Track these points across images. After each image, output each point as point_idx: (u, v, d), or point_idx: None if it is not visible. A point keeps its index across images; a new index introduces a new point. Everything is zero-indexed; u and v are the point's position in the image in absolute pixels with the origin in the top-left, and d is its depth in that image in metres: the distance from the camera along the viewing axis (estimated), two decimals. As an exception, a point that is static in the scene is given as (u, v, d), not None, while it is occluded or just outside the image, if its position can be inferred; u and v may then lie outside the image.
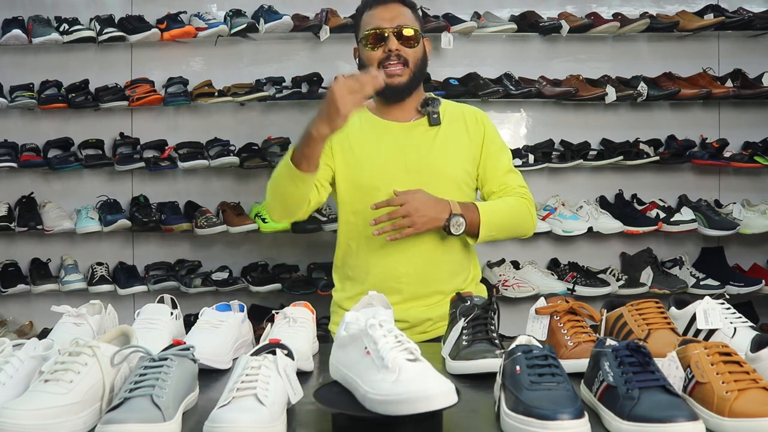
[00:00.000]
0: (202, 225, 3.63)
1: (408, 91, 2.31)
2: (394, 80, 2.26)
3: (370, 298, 1.90)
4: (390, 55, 2.26)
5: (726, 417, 1.27)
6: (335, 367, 1.43)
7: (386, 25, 2.27)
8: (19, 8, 3.70)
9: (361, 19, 2.35)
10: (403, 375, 1.24)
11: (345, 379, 1.37)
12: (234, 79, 3.73)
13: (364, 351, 1.32)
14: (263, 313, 2.99)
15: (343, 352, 1.40)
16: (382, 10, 2.30)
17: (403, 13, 2.31)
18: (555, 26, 3.67)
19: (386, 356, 1.27)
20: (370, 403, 1.25)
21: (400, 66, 2.27)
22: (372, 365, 1.29)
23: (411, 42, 2.28)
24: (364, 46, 2.30)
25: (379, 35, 2.27)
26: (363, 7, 2.37)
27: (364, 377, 1.29)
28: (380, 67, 2.26)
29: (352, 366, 1.34)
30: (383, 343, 1.30)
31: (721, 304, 1.82)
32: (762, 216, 3.69)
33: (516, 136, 3.92)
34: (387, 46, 2.26)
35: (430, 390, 1.21)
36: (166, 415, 1.26)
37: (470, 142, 2.35)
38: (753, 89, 3.72)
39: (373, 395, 1.24)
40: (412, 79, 2.30)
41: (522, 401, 1.28)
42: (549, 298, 1.81)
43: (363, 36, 2.31)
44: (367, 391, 1.26)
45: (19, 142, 3.67)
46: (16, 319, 3.69)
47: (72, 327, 1.77)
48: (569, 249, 3.88)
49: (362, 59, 2.34)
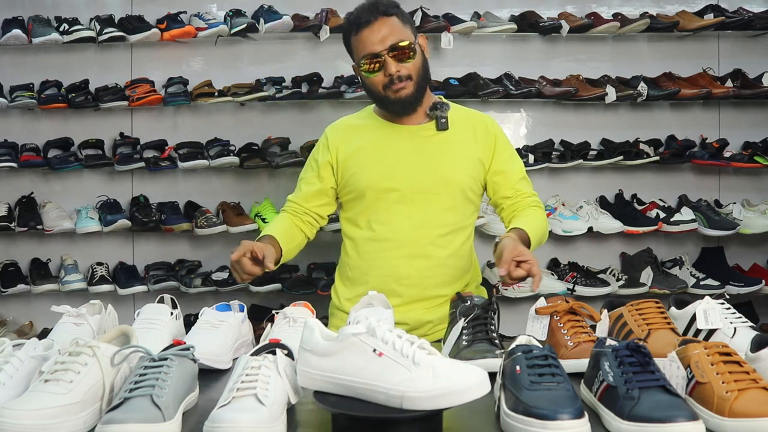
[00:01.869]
0: (202, 225, 3.63)
1: (417, 101, 2.26)
2: (400, 94, 2.22)
3: (370, 298, 1.91)
4: (392, 78, 2.19)
5: (726, 417, 1.27)
6: (322, 379, 1.33)
7: (379, 49, 2.17)
8: (19, 8, 3.70)
9: (350, 43, 2.26)
10: (440, 370, 1.25)
11: (346, 386, 1.30)
12: (234, 79, 3.73)
13: (371, 354, 1.28)
14: (263, 313, 2.99)
15: (335, 361, 1.31)
16: (369, 33, 2.19)
17: (391, 28, 2.19)
18: (555, 26, 3.67)
19: (410, 353, 1.27)
20: (410, 402, 1.23)
21: (404, 82, 2.21)
22: (392, 365, 1.27)
23: (408, 56, 2.20)
24: (363, 72, 2.24)
25: (376, 62, 2.19)
26: (348, 32, 2.27)
27: (386, 379, 1.26)
28: (385, 90, 2.21)
29: (357, 372, 1.29)
30: (398, 342, 1.29)
31: (721, 304, 1.82)
32: (762, 216, 3.69)
33: (516, 136, 3.92)
34: (386, 70, 2.18)
35: (470, 381, 1.25)
36: (166, 415, 1.26)
37: (478, 149, 2.32)
38: (753, 89, 3.72)
39: (414, 393, 1.23)
40: (417, 89, 2.24)
41: (522, 401, 1.28)
42: (549, 298, 1.81)
43: (359, 62, 2.23)
44: (402, 391, 1.23)
45: (19, 142, 3.67)
46: (16, 319, 3.69)
47: (72, 327, 1.77)
48: (569, 249, 3.88)
49: (365, 84, 2.28)
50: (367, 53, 2.19)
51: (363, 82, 2.30)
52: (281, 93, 3.64)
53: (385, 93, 2.22)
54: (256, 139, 3.75)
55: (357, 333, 1.30)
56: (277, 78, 3.70)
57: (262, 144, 3.72)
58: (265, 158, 3.64)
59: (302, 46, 3.87)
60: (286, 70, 3.75)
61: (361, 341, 1.30)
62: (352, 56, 2.30)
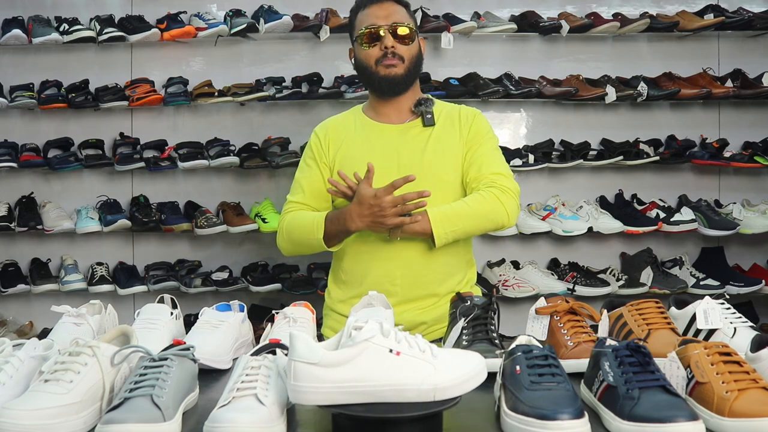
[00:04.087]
0: (202, 225, 3.63)
1: (404, 84, 2.32)
2: (390, 71, 2.29)
3: (370, 298, 1.91)
4: (386, 52, 2.28)
5: (726, 417, 1.27)
6: (335, 391, 1.26)
7: (381, 23, 2.29)
8: (19, 8, 3.70)
9: (356, 18, 2.37)
10: (451, 359, 1.31)
11: (367, 392, 1.26)
12: (234, 79, 3.73)
13: (389, 354, 1.27)
14: (263, 313, 2.99)
15: (351, 369, 1.26)
16: (377, 8, 2.31)
17: (397, 11, 2.33)
18: (555, 26, 3.67)
19: (426, 348, 1.30)
20: (442, 393, 1.27)
21: (396, 59, 2.29)
22: (413, 362, 1.27)
23: (406, 40, 2.30)
24: (360, 45, 2.32)
25: (375, 33, 2.29)
26: (357, 6, 2.39)
27: (412, 376, 1.26)
28: (377, 64, 2.29)
29: (378, 375, 1.26)
30: (411, 339, 1.30)
31: (721, 304, 1.82)
32: (762, 216, 3.69)
33: (516, 136, 3.92)
34: (383, 43, 2.28)
35: (478, 363, 1.33)
36: (166, 415, 1.26)
37: (461, 142, 2.34)
38: (753, 89, 3.72)
39: (445, 383, 1.28)
40: (408, 74, 2.31)
41: (522, 401, 1.28)
42: (549, 298, 1.81)
43: (358, 35, 2.33)
44: (433, 384, 1.26)
45: (19, 142, 3.67)
46: (16, 319, 3.69)
47: (72, 327, 1.77)
48: (569, 249, 3.88)
49: (358, 58, 2.36)
50: (369, 24, 2.30)
51: (356, 58, 2.37)
52: (281, 93, 3.64)
53: (376, 68, 2.30)
54: (256, 139, 3.75)
55: (370, 337, 1.27)
56: (277, 78, 3.70)
57: (262, 144, 3.72)
58: (265, 158, 3.64)
59: (302, 46, 3.87)
60: (286, 70, 3.76)
61: (375, 344, 1.27)
62: (352, 35, 2.38)
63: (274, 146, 3.67)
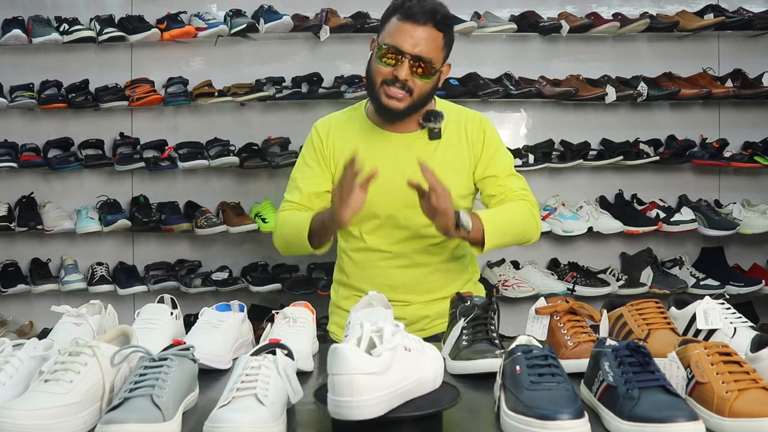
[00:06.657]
0: (202, 225, 3.63)
1: (403, 116, 2.20)
2: (390, 102, 2.14)
3: (370, 298, 1.91)
4: (396, 79, 2.11)
5: (726, 417, 1.27)
6: (388, 398, 1.22)
7: (406, 49, 2.09)
8: (19, 8, 3.70)
9: (389, 20, 2.15)
10: (431, 350, 1.39)
11: (403, 393, 1.26)
12: (234, 79, 3.73)
13: (406, 353, 1.28)
14: (263, 313, 3.00)
15: (394, 372, 1.24)
16: (411, 28, 2.10)
17: (430, 40, 2.11)
18: (555, 26, 3.67)
19: (418, 341, 1.36)
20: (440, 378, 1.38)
21: (402, 93, 2.13)
22: (421, 357, 1.33)
23: (425, 74, 2.13)
24: (377, 57, 2.14)
25: (393, 57, 2.11)
26: (394, 10, 2.15)
27: (426, 369, 1.33)
28: (382, 84, 2.14)
29: (407, 374, 1.27)
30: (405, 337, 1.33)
31: (721, 304, 1.82)
32: (762, 216, 3.69)
33: (516, 136, 3.92)
34: (397, 70, 2.11)
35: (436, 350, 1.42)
36: (166, 415, 1.26)
37: (470, 153, 2.28)
38: (753, 89, 3.72)
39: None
40: (411, 108, 2.17)
41: (522, 401, 1.28)
42: (549, 298, 1.81)
43: (380, 45, 2.14)
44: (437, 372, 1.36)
45: (19, 142, 3.67)
46: (16, 319, 3.69)
47: (72, 327, 1.76)
48: (569, 249, 3.88)
49: (371, 64, 2.20)
50: (394, 44, 2.10)
51: (370, 61, 2.20)
52: (281, 93, 3.64)
53: (380, 87, 2.15)
54: (256, 139, 3.75)
55: (401, 339, 1.29)
56: (277, 78, 3.70)
57: (262, 144, 3.72)
58: (265, 158, 3.64)
59: (302, 46, 3.86)
60: (286, 70, 3.75)
61: (399, 345, 1.28)
62: (379, 32, 2.19)
63: (274, 146, 3.67)
